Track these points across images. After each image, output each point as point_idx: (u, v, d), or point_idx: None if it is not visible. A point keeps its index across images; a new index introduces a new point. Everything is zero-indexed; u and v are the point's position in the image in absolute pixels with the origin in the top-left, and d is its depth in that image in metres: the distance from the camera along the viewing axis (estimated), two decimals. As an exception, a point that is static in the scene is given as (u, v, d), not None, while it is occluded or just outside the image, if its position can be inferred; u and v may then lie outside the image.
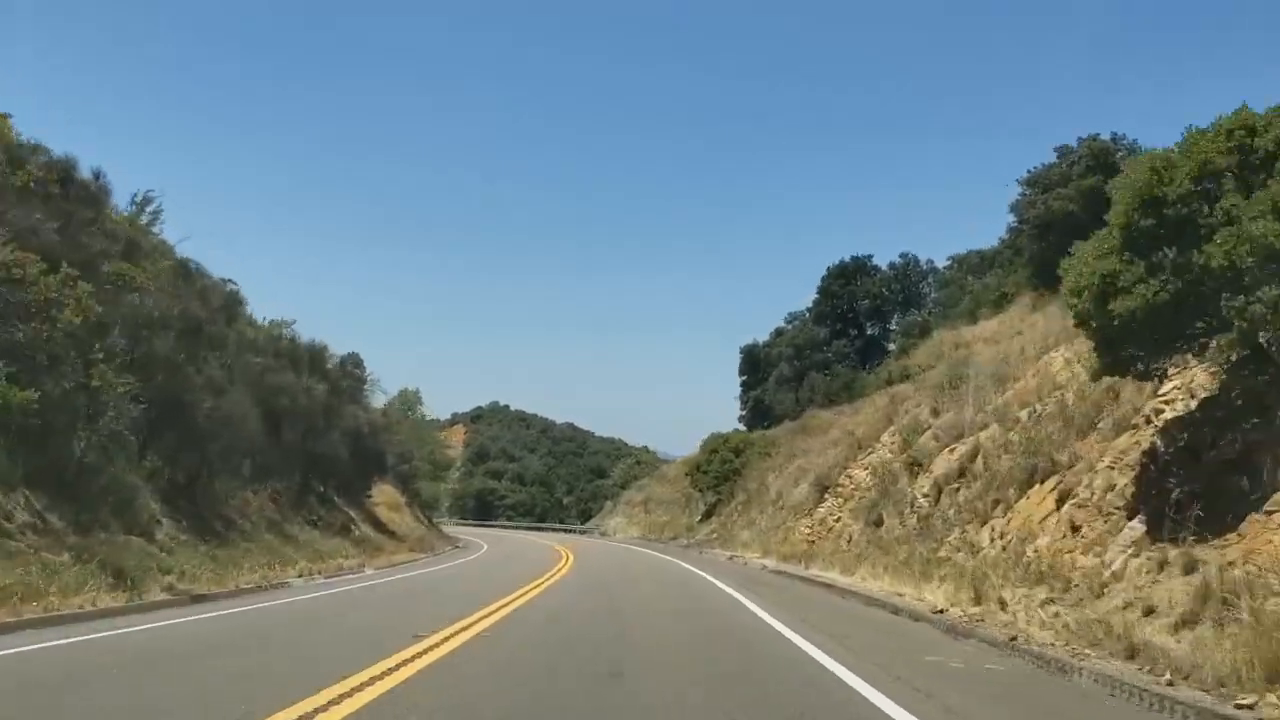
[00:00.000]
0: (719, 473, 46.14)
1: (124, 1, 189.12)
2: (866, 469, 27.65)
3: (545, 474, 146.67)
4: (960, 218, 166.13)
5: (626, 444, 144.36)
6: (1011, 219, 40.83)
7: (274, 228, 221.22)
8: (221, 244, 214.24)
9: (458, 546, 48.25)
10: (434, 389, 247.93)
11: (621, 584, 21.37)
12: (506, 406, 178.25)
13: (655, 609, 14.91)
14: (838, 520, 26.97)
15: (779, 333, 73.73)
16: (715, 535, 42.08)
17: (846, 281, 68.64)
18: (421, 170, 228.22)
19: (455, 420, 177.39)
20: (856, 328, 68.27)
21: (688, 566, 28.38)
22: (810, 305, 69.87)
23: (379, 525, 36.99)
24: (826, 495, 29.72)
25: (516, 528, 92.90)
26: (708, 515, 47.97)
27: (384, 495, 44.20)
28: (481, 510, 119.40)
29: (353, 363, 54.66)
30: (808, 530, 29.19)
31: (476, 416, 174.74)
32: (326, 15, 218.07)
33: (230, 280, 27.77)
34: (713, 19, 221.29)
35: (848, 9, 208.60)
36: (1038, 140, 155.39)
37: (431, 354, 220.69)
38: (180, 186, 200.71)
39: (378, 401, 52.82)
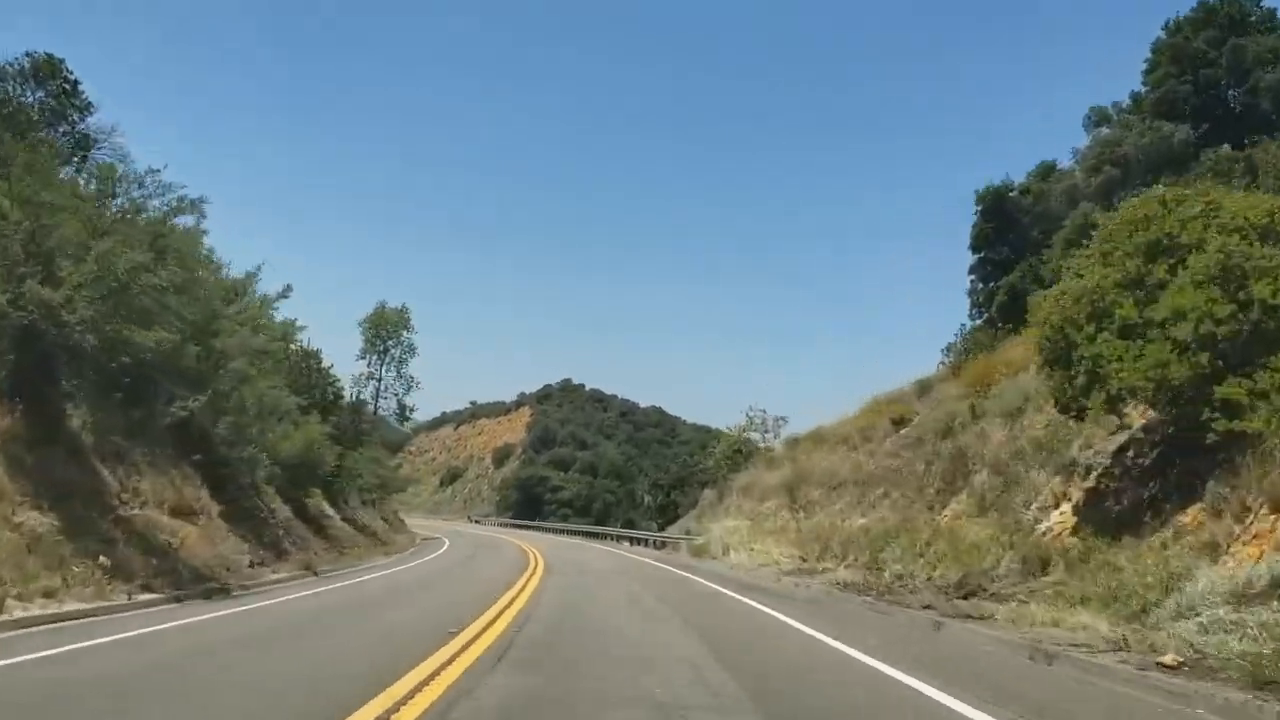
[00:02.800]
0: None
1: None
2: None
3: (623, 465, 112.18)
4: None
5: (726, 435, 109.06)
6: None
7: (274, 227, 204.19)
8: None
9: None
10: (499, 370, 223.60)
11: None
12: (581, 386, 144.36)
13: None
14: None
15: (1047, 170, 37.23)
16: None
17: (1220, 34, 31.74)
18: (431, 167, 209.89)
19: (521, 402, 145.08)
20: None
21: None
22: (1142, 89, 33.15)
23: None
24: None
25: (561, 531, 58.33)
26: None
27: None
28: (528, 506, 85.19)
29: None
30: None
31: (544, 396, 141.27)
32: (329, 14, 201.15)
33: None
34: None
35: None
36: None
37: (487, 332, 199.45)
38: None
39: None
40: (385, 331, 50.75)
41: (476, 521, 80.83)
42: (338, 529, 26.69)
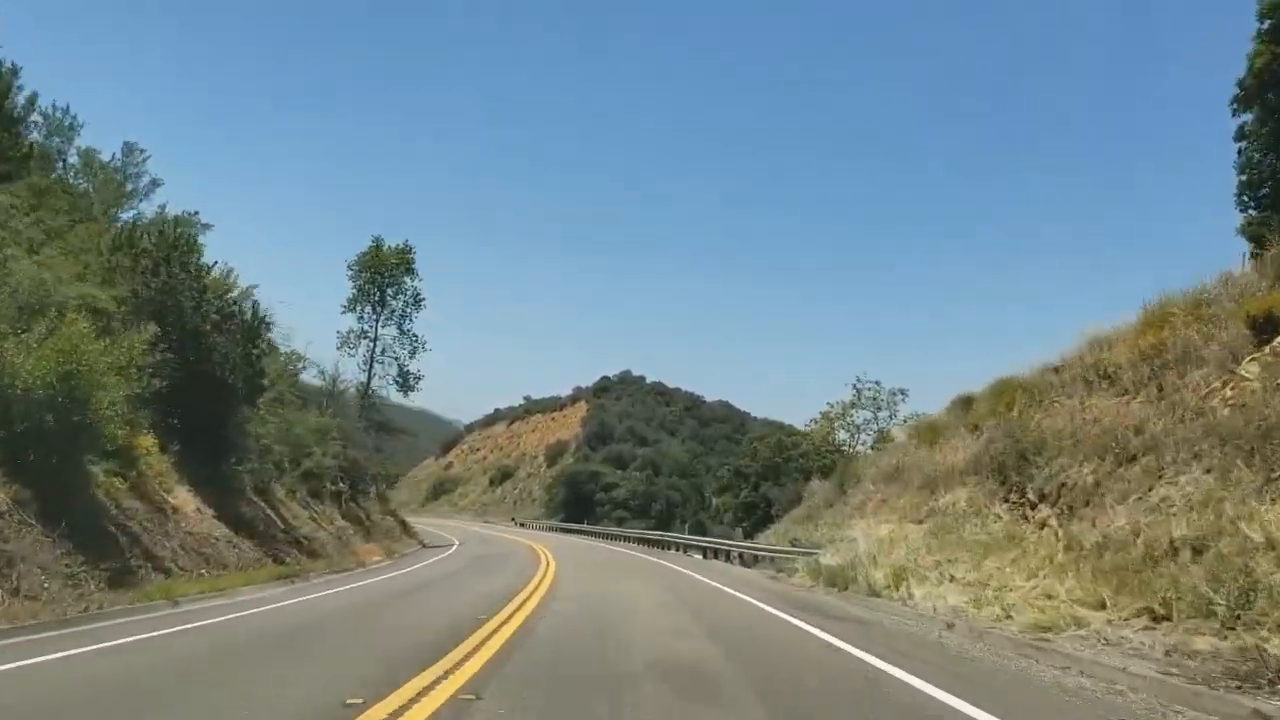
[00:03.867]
0: None
1: None
2: None
3: (689, 462, 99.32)
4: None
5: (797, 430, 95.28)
6: None
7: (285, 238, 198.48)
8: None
9: None
10: (556, 365, 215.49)
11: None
12: (641, 378, 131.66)
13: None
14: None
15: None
16: None
17: None
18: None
19: (577, 396, 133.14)
20: None
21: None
22: None
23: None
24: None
25: (615, 538, 46.10)
26: None
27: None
28: (577, 506, 73.00)
29: None
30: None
31: (601, 390, 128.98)
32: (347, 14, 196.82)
33: None
34: None
35: None
36: None
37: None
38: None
39: None
40: (382, 277, 39.03)
41: (522, 524, 69.33)
42: (186, 536, 14.63)
